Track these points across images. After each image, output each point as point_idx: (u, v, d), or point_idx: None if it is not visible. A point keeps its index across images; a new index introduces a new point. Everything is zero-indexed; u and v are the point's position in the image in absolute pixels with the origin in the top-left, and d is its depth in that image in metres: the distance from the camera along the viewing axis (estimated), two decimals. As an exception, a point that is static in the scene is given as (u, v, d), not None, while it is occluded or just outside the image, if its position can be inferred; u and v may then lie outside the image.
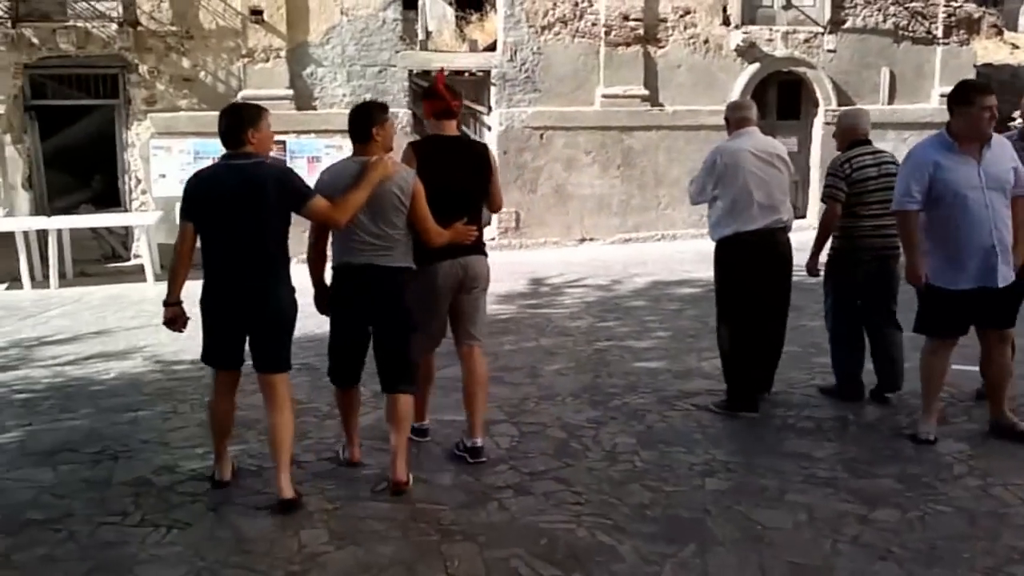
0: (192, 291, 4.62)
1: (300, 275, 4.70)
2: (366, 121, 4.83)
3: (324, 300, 4.94)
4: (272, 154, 5.29)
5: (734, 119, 6.10)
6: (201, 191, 4.61)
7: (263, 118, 4.65)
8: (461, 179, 5.03)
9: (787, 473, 4.86)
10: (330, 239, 4.85)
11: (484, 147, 5.47)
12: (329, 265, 4.94)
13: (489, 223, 10.92)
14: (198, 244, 4.68)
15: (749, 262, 5.79)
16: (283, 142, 12.47)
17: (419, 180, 4.79)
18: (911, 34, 15.68)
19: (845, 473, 4.87)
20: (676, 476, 4.86)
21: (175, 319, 4.72)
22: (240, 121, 4.59)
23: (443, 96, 5.15)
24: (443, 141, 5.14)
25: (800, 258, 6.10)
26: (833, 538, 4.11)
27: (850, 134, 6.05)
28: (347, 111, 6.24)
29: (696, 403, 6.08)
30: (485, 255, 5.21)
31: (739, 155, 5.83)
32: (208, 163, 6.09)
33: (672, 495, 4.62)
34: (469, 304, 5.18)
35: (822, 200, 6.13)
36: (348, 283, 4.78)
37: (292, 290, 4.67)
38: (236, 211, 4.50)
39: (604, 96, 14.55)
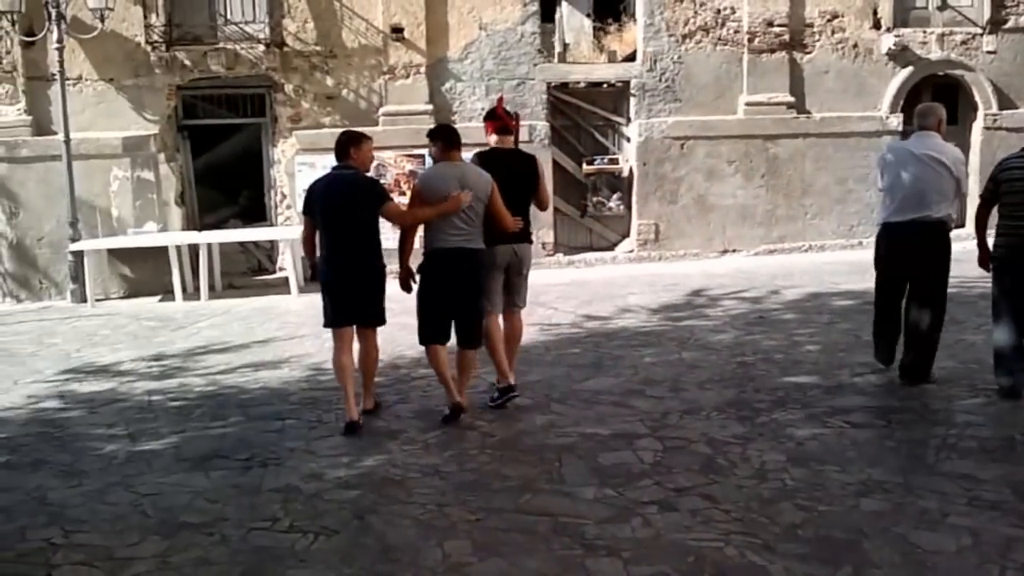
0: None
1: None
2: (347, 143, 6.22)
3: (408, 280, 6.31)
4: (411, 167, 6.24)
5: (916, 124, 6.70)
6: (318, 193, 6.21)
7: (364, 142, 6.27)
8: (511, 182, 6.33)
9: (949, 495, 4.59)
10: (419, 231, 6.34)
11: (532, 157, 6.79)
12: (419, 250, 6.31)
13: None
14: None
15: (892, 248, 6.55)
16: (422, 156, 12.63)
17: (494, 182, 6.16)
18: (1080, 32, 14.81)
19: (1013, 496, 4.56)
20: (829, 495, 4.65)
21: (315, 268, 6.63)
22: (347, 142, 6.22)
23: (501, 117, 6.60)
24: (500, 152, 6.53)
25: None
26: (1001, 564, 3.84)
27: None
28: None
29: (850, 420, 5.82)
30: (531, 243, 6.75)
31: (900, 153, 6.54)
32: None
33: (825, 515, 4.42)
34: (516, 281, 6.63)
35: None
36: (441, 263, 6.12)
37: (383, 265, 6.21)
38: (341, 207, 6.08)
39: (748, 104, 14.27)
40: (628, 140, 14.46)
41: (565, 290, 11.69)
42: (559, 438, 5.72)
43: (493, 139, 6.56)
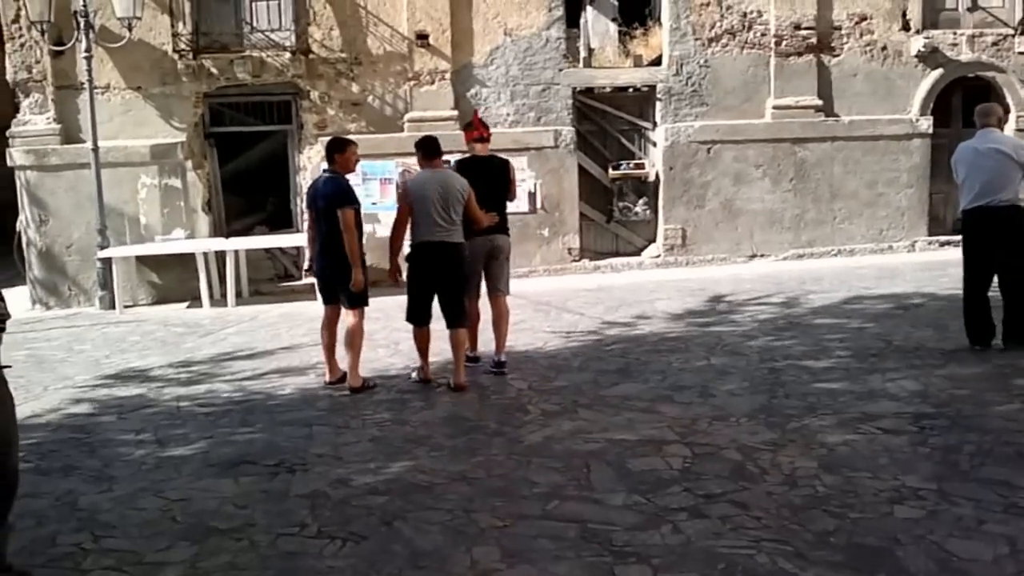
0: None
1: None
2: (332, 148, 7.29)
3: (396, 272, 7.48)
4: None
5: (978, 123, 7.54)
6: (311, 191, 7.46)
7: (347, 147, 7.29)
8: (487, 183, 7.45)
9: (984, 502, 4.52)
10: (408, 226, 7.27)
11: (505, 161, 7.90)
12: (407, 244, 7.32)
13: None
14: None
15: (971, 232, 7.45)
16: (448, 162, 12.61)
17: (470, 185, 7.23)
18: (1116, 31, 14.61)
19: (1051, 504, 4.48)
20: (862, 502, 4.59)
21: (311, 271, 7.81)
22: (331, 148, 7.31)
23: (477, 127, 7.82)
24: (477, 159, 7.69)
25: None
26: (1039, 572, 3.77)
27: None
28: (511, 131, 8.69)
29: (882, 426, 5.74)
30: (507, 235, 7.73)
31: (967, 151, 7.44)
32: (374, 184, 9.16)
33: (858, 522, 4.36)
34: (495, 268, 7.67)
35: None
36: (425, 254, 7.12)
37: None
38: (324, 206, 7.11)
39: (775, 108, 14.19)
40: (654, 145, 14.41)
41: (591, 296, 11.66)
42: (587, 444, 5.68)
43: (470, 147, 7.77)
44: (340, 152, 7.23)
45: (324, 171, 7.41)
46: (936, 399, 6.27)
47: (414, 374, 7.52)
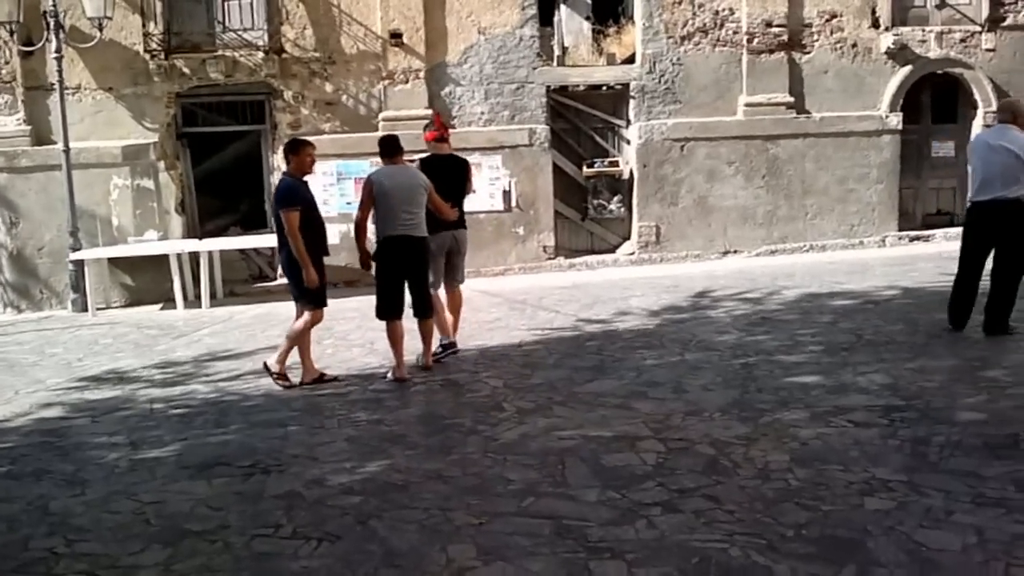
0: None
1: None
2: (286, 150, 7.57)
3: (367, 260, 7.54)
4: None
5: (996, 118, 8.04)
6: None
7: (301, 148, 7.40)
8: (448, 180, 7.85)
9: (953, 493, 4.56)
10: (370, 220, 7.51)
11: (464, 160, 8.39)
12: (373, 238, 7.50)
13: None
14: None
15: (975, 222, 7.67)
16: (413, 160, 12.65)
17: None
18: (1080, 29, 14.80)
19: (1017, 493, 4.51)
20: (833, 495, 4.62)
21: None
22: (286, 150, 7.56)
23: (439, 128, 8.24)
24: (438, 158, 8.08)
25: None
26: (1007, 561, 3.81)
27: None
28: (486, 129, 9.02)
29: (853, 419, 5.79)
30: (466, 228, 8.18)
31: (980, 144, 7.75)
32: (349, 183, 9.45)
33: (830, 514, 4.39)
34: (456, 260, 8.13)
35: None
36: (392, 248, 7.36)
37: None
38: (274, 208, 7.48)
39: (747, 105, 14.29)
40: (628, 142, 14.47)
41: (566, 293, 11.68)
42: (562, 441, 5.69)
43: (430, 146, 8.12)
44: (294, 153, 7.38)
45: (283, 173, 7.62)
46: (906, 392, 6.32)
47: (389, 374, 7.53)
